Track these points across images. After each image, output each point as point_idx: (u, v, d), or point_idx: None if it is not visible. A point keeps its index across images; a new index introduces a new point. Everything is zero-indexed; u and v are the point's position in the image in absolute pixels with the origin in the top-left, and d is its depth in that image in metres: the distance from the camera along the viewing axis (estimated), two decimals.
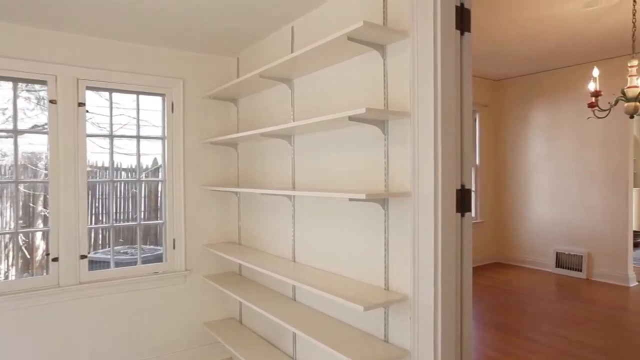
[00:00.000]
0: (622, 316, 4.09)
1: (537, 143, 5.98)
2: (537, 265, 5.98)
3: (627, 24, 3.93)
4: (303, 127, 2.37)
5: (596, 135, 5.35)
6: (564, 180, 5.68)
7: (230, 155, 3.61)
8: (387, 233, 2.07)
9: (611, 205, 5.22)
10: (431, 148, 1.83)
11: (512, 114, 6.27)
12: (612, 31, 4.18)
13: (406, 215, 1.96)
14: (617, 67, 5.00)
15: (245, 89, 3.15)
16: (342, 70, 2.36)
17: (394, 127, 2.03)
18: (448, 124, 1.85)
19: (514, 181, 6.27)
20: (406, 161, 1.97)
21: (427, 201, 1.86)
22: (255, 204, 3.29)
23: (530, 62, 5.43)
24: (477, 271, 5.90)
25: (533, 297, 4.69)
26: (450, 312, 1.86)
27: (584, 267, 5.42)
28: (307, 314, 2.48)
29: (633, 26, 3.17)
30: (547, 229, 5.88)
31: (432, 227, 1.83)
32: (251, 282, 3.25)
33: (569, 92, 5.60)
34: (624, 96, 3.17)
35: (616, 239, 5.19)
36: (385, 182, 2.08)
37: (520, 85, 6.16)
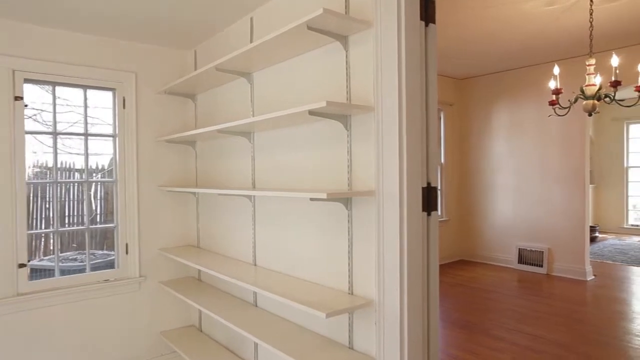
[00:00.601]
0: (580, 310, 4.18)
1: (501, 141, 6.07)
2: (501, 262, 6.07)
3: (585, 24, 4.01)
4: (262, 123, 2.24)
5: (556, 134, 5.47)
6: (526, 178, 5.78)
7: (188, 154, 3.42)
8: (350, 234, 1.96)
9: (570, 202, 5.35)
10: (396, 144, 1.74)
11: (477, 112, 6.35)
12: (571, 31, 4.26)
13: (371, 215, 1.87)
14: (578, 67, 5.12)
15: (203, 84, 2.98)
16: (304, 63, 2.24)
17: (358, 122, 1.93)
18: (413, 118, 1.76)
19: (478, 179, 6.34)
20: (370, 158, 1.87)
21: (392, 200, 1.76)
22: (214, 205, 3.12)
23: (494, 61, 5.50)
24: (443, 269, 5.93)
25: (497, 294, 4.73)
26: (417, 316, 1.78)
27: (545, 262, 5.54)
28: (269, 321, 2.34)
29: (590, 25, 3.22)
30: (510, 226, 5.98)
31: (397, 227, 1.74)
32: (211, 287, 3.08)
33: (531, 91, 5.70)
34: (583, 94, 3.21)
35: (574, 235, 5.32)
36: (349, 180, 1.97)
37: (484, 84, 6.24)
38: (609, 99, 3.13)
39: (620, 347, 3.33)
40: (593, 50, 4.46)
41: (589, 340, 3.46)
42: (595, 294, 4.72)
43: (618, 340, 3.45)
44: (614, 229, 8.91)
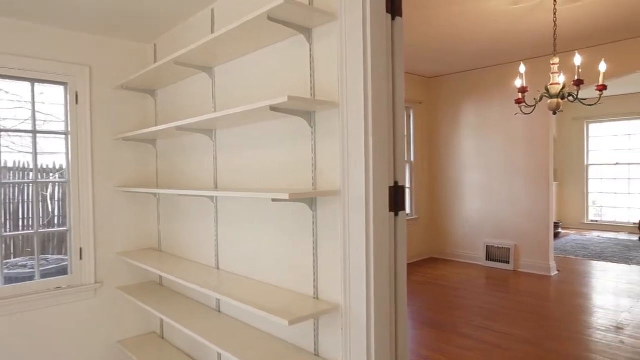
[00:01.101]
0: (545, 306, 4.25)
1: (469, 140, 6.14)
2: (469, 259, 6.14)
3: (550, 24, 4.07)
4: (224, 120, 2.12)
5: (521, 133, 5.57)
6: (494, 176, 5.87)
7: (148, 153, 3.25)
8: (315, 236, 1.88)
9: (535, 199, 5.46)
10: (361, 141, 1.67)
11: (445, 111, 6.39)
12: (536, 30, 4.33)
13: (336, 216, 1.79)
14: (543, 66, 5.21)
15: (163, 79, 2.83)
16: (267, 57, 2.14)
17: (322, 119, 1.85)
18: (380, 115, 1.69)
19: (447, 177, 6.39)
20: (336, 157, 1.79)
21: (358, 200, 1.69)
22: (176, 206, 2.97)
23: (461, 59, 5.54)
24: (412, 267, 5.95)
25: (465, 291, 4.77)
26: (384, 320, 1.71)
27: (512, 259, 5.63)
28: (233, 328, 2.23)
29: (554, 25, 3.26)
30: (478, 223, 6.05)
31: (363, 229, 1.67)
32: (173, 292, 2.93)
33: (498, 90, 5.78)
34: (548, 93, 3.24)
35: (539, 232, 5.43)
36: (314, 180, 1.89)
37: (452, 82, 6.29)
38: (572, 97, 3.17)
39: (583, 341, 3.39)
40: (557, 50, 4.54)
41: (554, 335, 3.51)
42: (559, 289, 4.82)
43: (581, 334, 3.52)
44: (575, 224, 9.20)
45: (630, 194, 8.74)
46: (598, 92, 3.09)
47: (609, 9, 3.76)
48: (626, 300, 4.39)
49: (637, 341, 3.37)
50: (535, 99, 3.36)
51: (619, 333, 3.54)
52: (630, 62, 4.62)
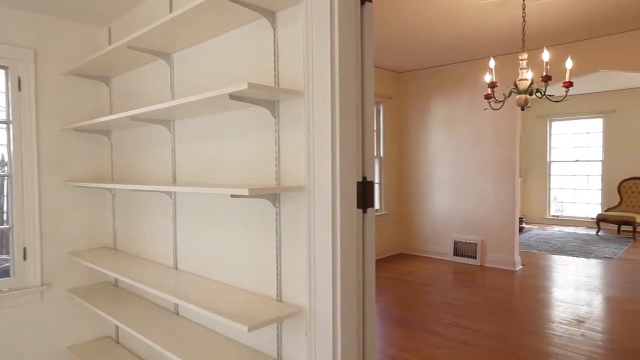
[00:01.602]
0: (511, 300, 4.30)
1: (438, 135, 6.15)
2: (438, 255, 6.17)
3: (519, 20, 4.08)
4: (182, 110, 1.97)
5: (489, 129, 5.62)
6: (462, 172, 5.90)
7: (102, 145, 3.04)
8: (279, 234, 1.76)
9: (501, 195, 5.53)
10: (328, 133, 1.56)
11: (415, 106, 6.38)
12: (506, 26, 4.34)
13: (301, 213, 1.68)
14: (511, 62, 5.25)
15: (118, 65, 2.63)
16: (228, 42, 2.00)
17: (286, 109, 1.73)
18: (347, 105, 1.59)
19: (417, 173, 6.40)
20: (300, 149, 1.68)
21: (324, 196, 1.58)
22: (133, 202, 2.78)
23: (431, 54, 5.52)
24: (381, 263, 5.92)
25: (434, 287, 4.77)
26: (351, 324, 1.62)
27: (478, 254, 5.69)
28: (192, 332, 2.09)
29: (523, 20, 3.25)
30: (446, 218, 6.09)
31: (329, 226, 1.57)
32: (129, 294, 2.75)
33: (467, 86, 5.81)
34: (517, 88, 3.23)
35: (505, 227, 5.51)
36: (277, 174, 1.77)
37: (422, 78, 6.28)
38: (540, 93, 3.18)
39: (547, 335, 3.42)
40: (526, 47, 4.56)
41: (520, 330, 3.53)
42: (524, 283, 4.90)
43: (545, 328, 3.56)
44: (537, 219, 9.46)
45: (588, 190, 9.05)
46: (564, 89, 3.10)
47: (574, 8, 3.80)
48: (586, 293, 4.50)
49: (597, 334, 3.44)
50: (504, 94, 3.35)
51: (580, 326, 3.60)
52: (592, 61, 4.72)
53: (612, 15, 4.08)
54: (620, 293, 4.47)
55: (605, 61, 4.68)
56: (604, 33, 4.58)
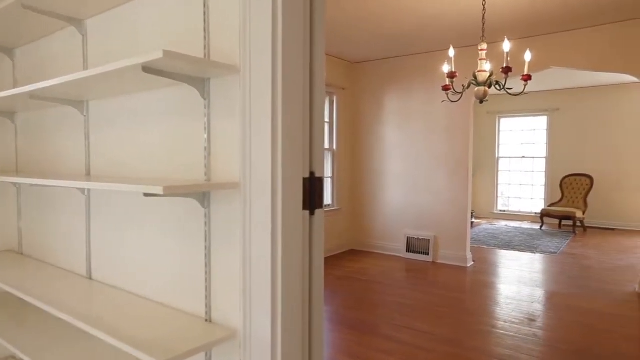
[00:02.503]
0: (463, 299, 4.22)
1: (392, 128, 6.00)
2: (390, 251, 6.05)
3: (476, 11, 3.95)
4: (92, 86, 1.60)
5: (443, 123, 5.53)
6: (415, 166, 5.79)
7: (4, 130, 2.56)
8: (209, 241, 1.45)
9: (454, 190, 5.47)
10: (268, 119, 1.27)
11: (370, 98, 6.19)
12: (466, 17, 4.20)
13: (235, 215, 1.37)
14: (470, 56, 5.16)
15: (20, 33, 2.17)
16: (151, 6, 1.64)
17: (219, 89, 1.41)
18: (293, 86, 1.30)
19: (370, 167, 6.23)
20: (235, 138, 1.37)
21: (263, 194, 1.29)
22: (42, 198, 2.35)
23: (387, 44, 5.33)
24: (332, 261, 5.71)
25: (386, 286, 4.61)
26: (295, 348, 1.34)
27: (431, 250, 5.62)
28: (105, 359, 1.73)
29: (483, 8, 3.10)
30: (399, 214, 5.97)
31: (268, 232, 1.28)
32: (34, 309, 2.32)
33: (423, 78, 5.68)
34: (475, 80, 3.08)
35: (457, 223, 5.46)
36: (207, 167, 1.45)
37: (377, 69, 6.09)
38: (499, 86, 3.05)
39: (500, 336, 3.34)
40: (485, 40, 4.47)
41: (474, 331, 3.43)
42: (475, 280, 4.86)
43: (498, 329, 3.48)
44: (485, 214, 9.66)
45: (533, 185, 9.34)
46: (523, 82, 2.99)
47: (532, 2, 3.73)
48: (535, 290, 4.51)
49: (549, 333, 3.39)
50: (463, 85, 3.20)
51: (532, 325, 3.55)
52: (545, 58, 4.71)
53: (565, 12, 4.06)
54: (567, 289, 4.52)
55: (557, 58, 4.68)
56: (557, 30, 4.58)
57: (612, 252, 6.21)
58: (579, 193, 8.14)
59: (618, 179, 8.16)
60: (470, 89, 3.24)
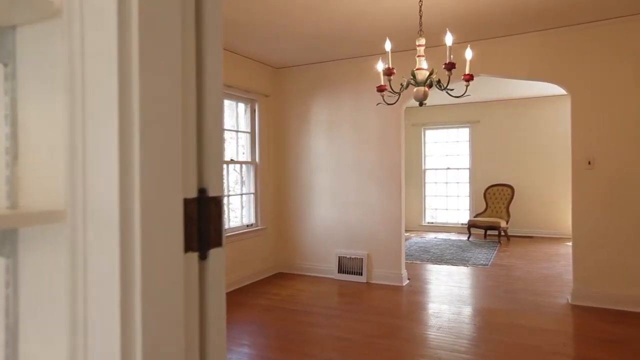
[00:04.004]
0: (402, 326, 3.83)
1: (320, 139, 5.57)
2: (322, 272, 5.55)
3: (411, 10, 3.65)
4: None
5: (374, 132, 5.21)
6: (345, 179, 5.39)
7: None
8: (13, 315, 0.82)
9: (387, 204, 5.14)
10: (114, 95, 0.69)
11: (296, 106, 5.72)
12: (401, 18, 3.89)
13: (59, 272, 0.77)
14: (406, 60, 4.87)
15: None
16: None
17: (32, 44, 0.81)
18: (162, 35, 0.74)
19: (297, 181, 5.72)
20: (59, 134, 0.77)
21: (106, 231, 0.71)
22: None
23: (314, 48, 4.91)
24: (257, 287, 5.08)
25: (318, 315, 4.08)
26: None
27: (364, 270, 5.21)
28: None
29: (420, 1, 2.77)
30: (329, 232, 5.51)
31: (116, 302, 0.70)
32: None
33: (353, 84, 5.33)
34: (414, 79, 2.72)
35: (391, 239, 5.12)
36: (9, 184, 0.83)
37: (304, 74, 5.65)
38: (440, 86, 2.72)
39: None
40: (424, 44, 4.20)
41: None
42: (413, 301, 4.51)
43: (442, 358, 3.10)
44: (415, 227, 9.59)
45: (458, 196, 9.45)
46: (465, 83, 2.67)
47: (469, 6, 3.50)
48: (473, 309, 4.26)
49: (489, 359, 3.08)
50: (401, 84, 2.82)
51: (477, 354, 3.22)
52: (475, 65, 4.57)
53: (494, 19, 3.91)
54: (505, 304, 4.32)
55: (487, 66, 4.56)
56: (487, 36, 4.45)
57: (537, 261, 6.26)
58: (501, 203, 8.31)
59: (537, 189, 8.47)
60: (408, 90, 2.87)
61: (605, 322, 3.76)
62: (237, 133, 5.44)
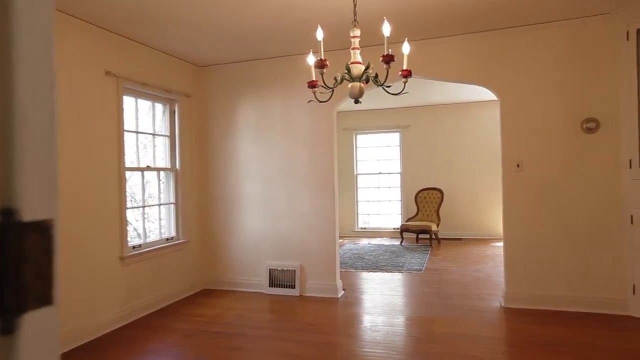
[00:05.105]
0: (338, 344, 3.55)
1: (248, 143, 5.16)
2: (251, 287, 5.13)
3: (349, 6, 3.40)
4: None
5: (305, 136, 4.92)
6: (276, 186, 5.04)
7: None
8: None
9: (320, 211, 4.86)
10: None
11: (221, 107, 5.27)
12: (332, 10, 3.62)
13: None
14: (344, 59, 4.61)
15: None
16: None
17: None
18: None
19: (223, 189, 5.26)
20: None
21: None
22: None
23: (240, 45, 4.51)
24: (179, 308, 4.54)
25: (246, 339, 3.67)
26: None
27: (297, 282, 4.88)
28: None
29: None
30: (259, 243, 5.11)
31: None
32: None
33: (284, 84, 5.00)
34: (349, 73, 2.45)
35: (325, 248, 4.85)
36: None
37: (230, 73, 5.22)
38: (377, 81, 2.48)
39: None
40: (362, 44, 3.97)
41: None
42: (348, 315, 4.25)
43: None
44: (347, 233, 9.45)
45: (390, 201, 9.47)
46: (403, 79, 2.46)
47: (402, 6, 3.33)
48: (410, 319, 4.10)
49: None
50: (335, 78, 2.54)
51: None
52: None
53: (424, 20, 3.80)
54: (442, 312, 4.20)
55: (418, 68, 4.45)
56: (417, 37, 4.35)
57: (468, 263, 6.33)
58: (432, 207, 8.41)
59: (464, 192, 8.69)
60: (343, 86, 2.60)
61: (538, 324, 3.76)
62: (154, 137, 4.88)
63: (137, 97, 4.50)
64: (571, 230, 4.09)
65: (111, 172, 3.96)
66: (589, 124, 4.02)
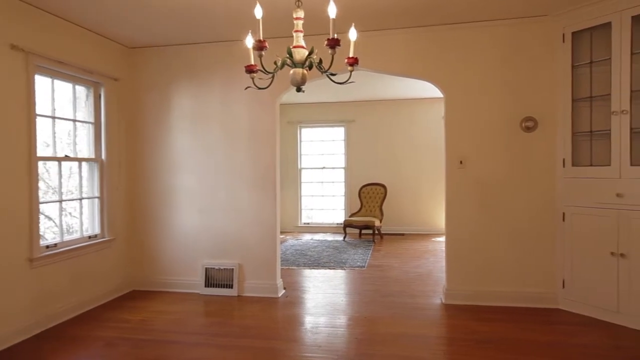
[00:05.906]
0: (278, 350, 3.34)
1: (184, 134, 4.78)
2: (185, 287, 4.77)
3: None
4: None
5: (246, 127, 4.63)
6: (213, 180, 4.71)
7: None
8: None
9: (260, 208, 4.61)
10: None
11: (154, 94, 4.83)
12: None
13: None
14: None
15: None
16: None
17: None
18: None
19: (155, 182, 4.84)
20: None
21: None
22: None
23: (175, 25, 4.11)
24: (102, 313, 4.10)
25: (178, 346, 3.35)
26: None
27: (235, 282, 4.60)
28: None
29: None
30: (194, 240, 4.76)
31: None
32: None
33: (223, 72, 4.66)
34: (291, 58, 2.23)
35: (265, 246, 4.61)
36: None
37: (165, 57, 4.79)
38: (321, 68, 2.27)
39: None
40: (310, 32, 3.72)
41: None
42: (289, 316, 4.05)
43: None
44: (290, 228, 9.26)
45: (334, 196, 9.38)
46: (349, 67, 2.27)
47: None
48: (352, 320, 3.98)
49: None
50: (275, 62, 2.30)
51: None
52: None
53: (373, 11, 3.65)
54: (383, 311, 4.12)
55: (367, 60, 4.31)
56: (367, 28, 4.20)
57: (410, 259, 6.36)
58: (375, 202, 8.42)
59: (407, 187, 8.77)
60: (284, 72, 2.37)
61: (477, 320, 3.77)
62: (76, 123, 4.36)
63: (54, 77, 3.98)
64: (510, 227, 4.16)
65: (18, 161, 3.45)
66: (527, 123, 4.09)
